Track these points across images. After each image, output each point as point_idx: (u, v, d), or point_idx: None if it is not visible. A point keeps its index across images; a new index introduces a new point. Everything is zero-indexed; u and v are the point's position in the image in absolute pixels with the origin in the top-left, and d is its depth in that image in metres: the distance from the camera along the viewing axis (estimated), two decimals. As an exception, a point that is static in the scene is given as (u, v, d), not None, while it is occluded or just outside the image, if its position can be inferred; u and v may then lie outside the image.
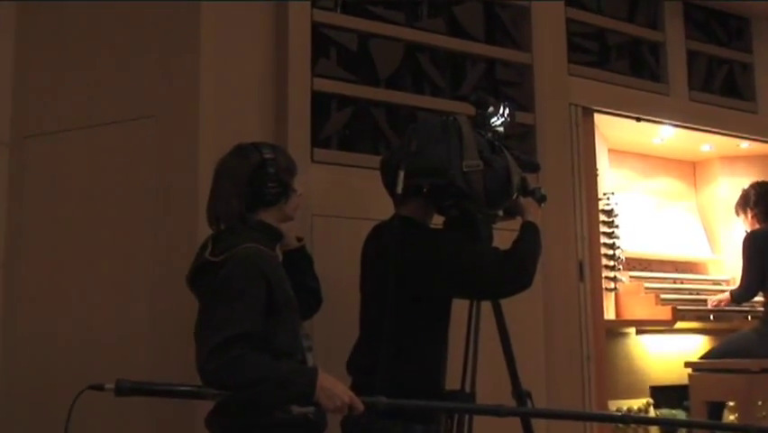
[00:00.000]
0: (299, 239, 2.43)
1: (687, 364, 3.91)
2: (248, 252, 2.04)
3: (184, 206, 2.71)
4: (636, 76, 3.99)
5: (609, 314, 4.00)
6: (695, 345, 4.40)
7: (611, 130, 4.15)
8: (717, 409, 3.90)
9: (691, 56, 4.19)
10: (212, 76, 2.80)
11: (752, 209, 4.08)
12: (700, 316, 4.13)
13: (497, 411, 2.00)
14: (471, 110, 2.48)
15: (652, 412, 4.17)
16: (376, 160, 2.62)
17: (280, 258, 2.32)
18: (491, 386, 2.40)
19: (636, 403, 4.19)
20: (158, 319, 2.71)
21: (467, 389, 2.42)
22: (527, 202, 2.46)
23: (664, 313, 4.03)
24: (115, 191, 2.86)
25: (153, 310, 2.73)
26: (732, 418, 3.91)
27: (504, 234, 2.41)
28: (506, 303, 2.39)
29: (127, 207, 2.83)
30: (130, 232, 2.82)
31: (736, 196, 4.24)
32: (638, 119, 3.97)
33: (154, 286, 2.74)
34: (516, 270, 2.27)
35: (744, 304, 4.13)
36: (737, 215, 4.18)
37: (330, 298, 2.49)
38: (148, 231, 2.78)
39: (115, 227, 2.84)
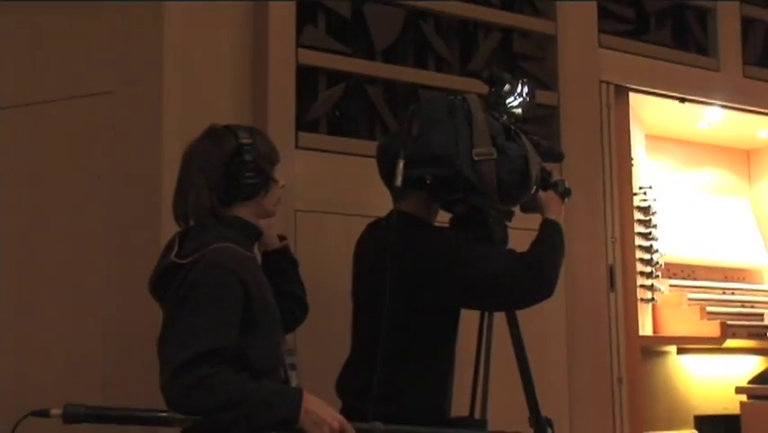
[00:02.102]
0: (281, 238, 2.48)
1: (738, 390, 3.95)
2: (221, 253, 2.08)
3: (145, 198, 2.75)
4: (680, 48, 4.02)
5: (646, 329, 4.04)
6: (748, 368, 4.43)
7: (649, 112, 4.20)
8: (773, 443, 3.94)
9: (747, 24, 4.22)
10: (178, 45, 2.84)
11: None
12: (754, 333, 4.17)
13: (511, 441, 2.05)
14: (484, 88, 2.52)
15: (696, 446, 4.22)
16: (371, 146, 2.67)
17: (259, 260, 2.37)
18: (505, 412, 2.45)
19: (678, 435, 4.24)
20: (113, 332, 2.76)
21: (477, 415, 2.48)
22: (548, 197, 2.51)
23: (711, 329, 4.07)
24: (63, 180, 2.90)
25: (108, 321, 2.77)
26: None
27: (520, 235, 2.46)
28: (523, 315, 2.43)
29: (77, 198, 2.88)
30: (80, 228, 2.86)
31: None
32: (682, 99, 4.01)
33: (109, 292, 2.78)
34: (535, 276, 2.32)
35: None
36: None
37: (317, 307, 2.54)
38: (102, 227, 2.82)
39: (63, 222, 2.88)
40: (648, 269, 4.09)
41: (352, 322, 2.49)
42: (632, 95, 3.86)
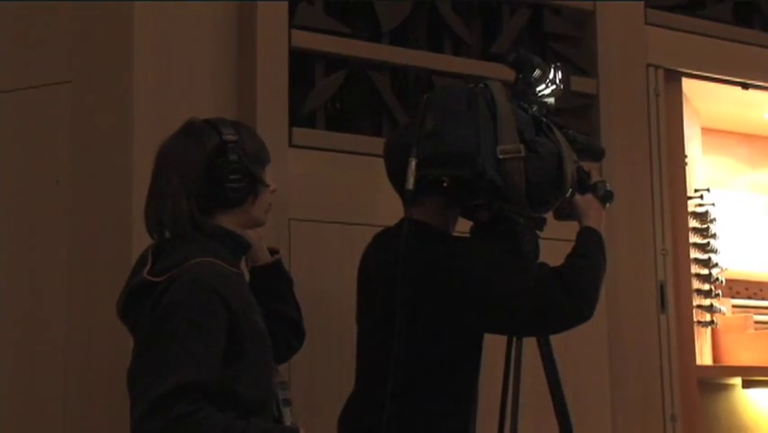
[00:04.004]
0: (273, 252, 2.49)
1: (816, 430, 3.94)
2: (202, 269, 2.09)
3: (112, 206, 2.77)
4: (742, 24, 4.02)
5: (704, 358, 4.03)
6: (826, 403, 4.42)
7: (706, 101, 4.20)
8: None
9: (821, -4, 4.23)
10: (151, 27, 2.86)
11: None
12: (833, 361, 4.17)
13: (544, 488, 2.06)
14: (510, 74, 2.54)
15: (766, 496, 4.21)
16: (378, 143, 2.68)
17: (247, 277, 2.38)
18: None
19: (744, 483, 4.22)
20: (75, 362, 2.77)
21: (504, 457, 2.50)
22: (587, 201, 2.52)
23: (783, 357, 4.08)
24: (15, 184, 2.92)
25: (69, 349, 2.79)
26: None
27: (554, 246, 2.47)
28: (557, 341, 2.44)
29: (31, 206, 2.90)
30: (36, 241, 2.88)
31: None
32: (745, 86, 4.01)
33: (71, 316, 2.80)
34: (572, 295, 2.32)
35: None
36: None
37: (315, 332, 2.56)
38: (61, 240, 2.84)
39: (15, 234, 2.90)
40: (706, 286, 4.08)
41: (356, 350, 2.50)
42: (685, 80, 3.87)
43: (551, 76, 2.52)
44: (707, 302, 4.08)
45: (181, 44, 2.91)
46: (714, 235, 4.15)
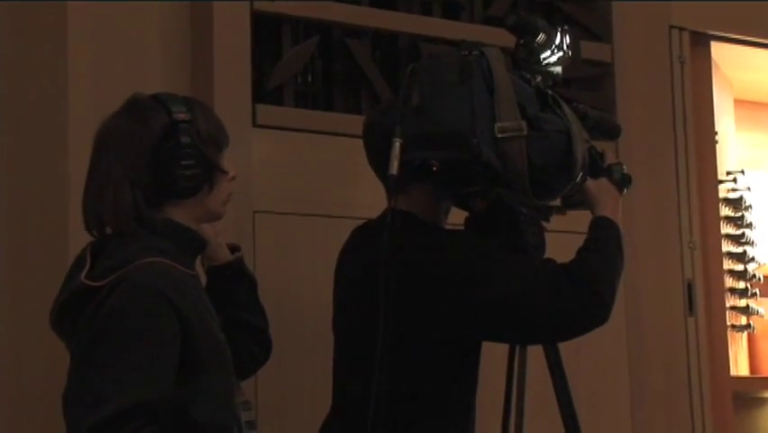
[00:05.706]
0: (233, 249, 2.48)
1: None
2: (149, 270, 2.08)
3: (45, 198, 2.76)
4: (781, -21, 4.05)
5: (740, 368, 4.05)
6: None
7: (739, 69, 4.20)
8: None
9: None
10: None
11: None
12: None
13: None
14: (510, 40, 2.53)
15: None
16: (357, 122, 2.66)
17: (203, 280, 2.37)
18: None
19: None
20: (3, 383, 2.76)
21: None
22: (600, 187, 2.51)
23: (830, 366, 4.10)
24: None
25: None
26: None
27: (562, 240, 2.46)
28: (567, 350, 2.43)
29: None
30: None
31: None
32: (784, 51, 4.04)
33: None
34: (584, 295, 2.32)
35: None
36: None
37: (283, 342, 2.55)
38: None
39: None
40: (741, 285, 4.10)
41: (333, 363, 2.49)
42: (714, 45, 3.88)
43: (557, 41, 2.51)
44: (742, 303, 4.10)
45: (125, 7, 2.89)
46: (750, 225, 4.16)
